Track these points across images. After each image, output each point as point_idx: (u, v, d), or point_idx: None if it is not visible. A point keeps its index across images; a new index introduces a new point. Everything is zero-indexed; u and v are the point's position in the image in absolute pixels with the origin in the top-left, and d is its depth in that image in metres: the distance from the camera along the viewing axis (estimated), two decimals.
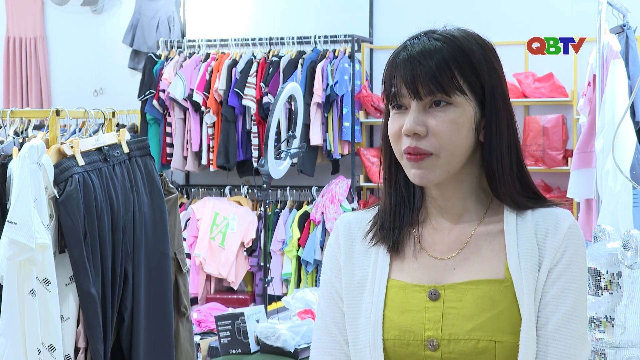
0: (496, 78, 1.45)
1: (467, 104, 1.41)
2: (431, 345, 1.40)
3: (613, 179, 3.87)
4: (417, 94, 1.40)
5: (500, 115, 1.44)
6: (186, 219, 6.58)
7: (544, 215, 1.45)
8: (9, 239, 2.64)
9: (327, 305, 1.51)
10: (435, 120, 1.40)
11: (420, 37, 1.44)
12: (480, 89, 1.43)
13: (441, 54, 1.40)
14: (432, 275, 1.45)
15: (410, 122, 1.40)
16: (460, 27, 1.47)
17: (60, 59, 7.72)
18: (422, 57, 1.40)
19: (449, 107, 1.40)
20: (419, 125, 1.40)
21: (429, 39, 1.43)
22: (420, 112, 1.41)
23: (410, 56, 1.41)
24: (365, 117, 6.50)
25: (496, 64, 1.46)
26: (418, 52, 1.41)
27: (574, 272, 1.42)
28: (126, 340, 2.98)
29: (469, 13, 6.28)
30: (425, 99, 1.40)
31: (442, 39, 1.42)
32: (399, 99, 1.43)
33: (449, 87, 1.40)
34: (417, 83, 1.40)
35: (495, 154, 1.44)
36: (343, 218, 1.56)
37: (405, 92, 1.41)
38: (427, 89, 1.40)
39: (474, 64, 1.42)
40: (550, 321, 1.40)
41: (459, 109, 1.41)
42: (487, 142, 1.44)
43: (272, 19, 7.02)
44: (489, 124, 1.44)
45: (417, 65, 1.40)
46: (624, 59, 4.17)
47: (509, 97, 1.48)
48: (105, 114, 3.19)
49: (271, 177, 4.79)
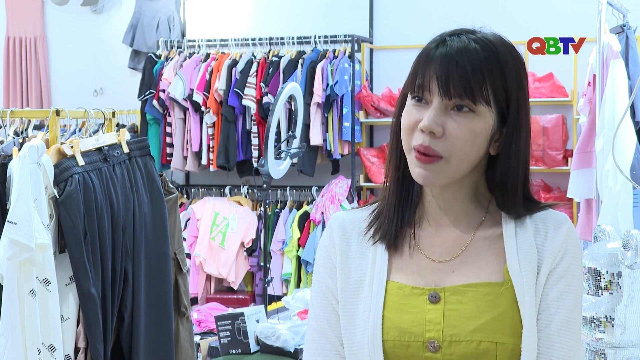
0: (522, 93, 1.43)
1: (488, 114, 1.39)
2: (432, 347, 1.39)
3: (613, 179, 3.87)
4: (447, 93, 1.37)
5: (521, 133, 1.42)
6: (186, 219, 6.57)
7: (542, 219, 1.45)
8: (9, 239, 2.64)
9: (320, 305, 1.49)
10: (455, 124, 1.38)
11: (461, 34, 1.41)
12: (505, 102, 1.40)
13: (478, 57, 1.38)
14: (431, 277, 1.44)
15: (430, 119, 1.38)
16: (497, 33, 1.44)
17: (60, 59, 7.72)
18: (460, 56, 1.38)
19: (470, 114, 1.38)
20: (437, 124, 1.38)
21: (468, 38, 1.40)
22: (442, 111, 1.38)
23: (448, 52, 1.38)
24: (365, 117, 6.50)
25: (525, 79, 1.43)
26: (456, 50, 1.38)
27: (573, 275, 1.42)
28: (126, 340, 2.98)
29: (469, 13, 6.28)
30: (452, 100, 1.38)
31: (480, 42, 1.39)
32: (424, 92, 1.40)
33: (478, 94, 1.37)
34: (449, 83, 1.37)
35: (511, 168, 1.43)
36: (337, 217, 1.54)
37: (434, 88, 1.38)
38: (458, 91, 1.37)
39: (505, 76, 1.40)
40: (551, 323, 1.40)
41: (480, 118, 1.39)
42: (505, 156, 1.42)
43: (272, 19, 7.02)
44: (508, 139, 1.42)
45: (453, 63, 1.37)
46: (624, 59, 4.17)
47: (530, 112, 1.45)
48: (105, 114, 3.19)
49: (271, 177, 4.79)
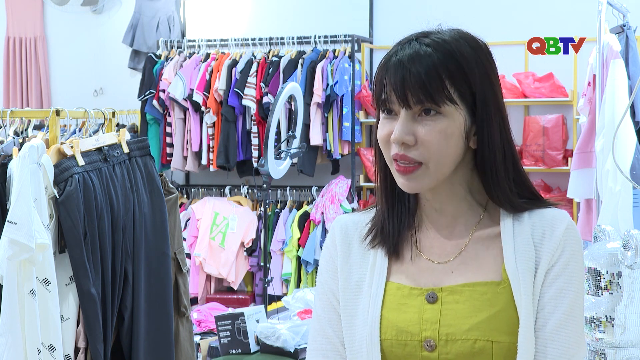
0: (488, 84, 1.41)
1: (457, 112, 1.38)
2: (428, 346, 1.40)
3: (613, 179, 3.87)
4: (406, 102, 1.37)
5: (492, 123, 1.41)
6: (186, 219, 6.57)
7: (540, 217, 1.44)
8: (9, 239, 2.64)
9: (323, 307, 1.50)
10: (425, 130, 1.37)
11: (412, 41, 1.40)
12: (471, 97, 1.39)
13: (431, 60, 1.36)
14: (430, 278, 1.45)
15: (399, 131, 1.37)
16: (455, 28, 1.43)
17: (60, 59, 7.72)
18: (412, 64, 1.37)
19: (438, 116, 1.37)
20: (407, 134, 1.37)
21: (419, 43, 1.39)
22: (409, 120, 1.38)
23: (399, 62, 1.38)
24: (365, 117, 6.50)
25: (489, 68, 1.42)
26: (408, 58, 1.38)
27: (572, 273, 1.41)
28: (126, 340, 2.98)
29: (469, 13, 6.28)
30: (414, 108, 1.37)
31: (433, 44, 1.38)
32: (389, 104, 1.40)
33: (439, 96, 1.36)
34: (406, 91, 1.36)
35: (488, 161, 1.42)
36: (339, 220, 1.55)
37: (394, 99, 1.38)
38: (416, 98, 1.36)
39: (465, 72, 1.38)
40: (548, 322, 1.39)
41: (449, 118, 1.38)
42: (480, 149, 1.42)
43: (272, 19, 7.02)
44: (480, 132, 1.41)
45: (406, 72, 1.36)
46: (624, 59, 4.17)
47: (503, 101, 1.44)
48: (105, 114, 3.19)
49: (271, 177, 4.79)
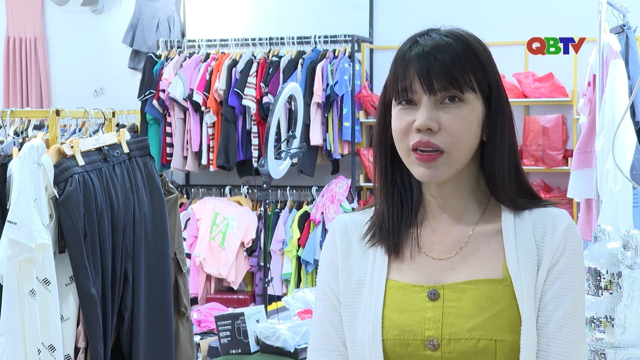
0: (499, 78, 1.46)
1: (476, 101, 1.42)
2: (431, 345, 1.40)
3: (613, 179, 3.87)
4: (431, 88, 1.39)
5: (505, 115, 1.45)
6: (186, 219, 6.57)
7: (541, 215, 1.45)
8: (9, 239, 2.64)
9: (323, 307, 1.50)
10: (448, 116, 1.39)
11: (430, 33, 1.43)
12: (487, 87, 1.43)
13: (454, 49, 1.40)
14: (430, 275, 1.45)
15: (424, 117, 1.39)
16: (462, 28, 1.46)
17: (60, 59, 7.72)
18: (437, 52, 1.39)
19: (461, 103, 1.40)
20: (432, 120, 1.39)
21: (438, 35, 1.42)
22: (432, 107, 1.40)
23: (424, 51, 1.40)
24: (365, 117, 6.50)
25: (495, 66, 1.46)
26: (431, 47, 1.40)
27: (573, 271, 1.42)
28: (126, 340, 2.98)
29: (469, 13, 6.28)
30: (438, 94, 1.39)
31: (451, 36, 1.42)
32: (410, 94, 1.41)
33: (464, 83, 1.39)
34: (432, 78, 1.39)
35: (497, 153, 1.44)
36: (339, 219, 1.55)
37: (418, 87, 1.40)
38: (442, 85, 1.39)
39: (482, 62, 1.42)
40: (551, 320, 1.40)
41: (470, 106, 1.41)
42: (490, 141, 1.44)
43: (272, 19, 7.02)
44: (493, 123, 1.44)
45: (431, 59, 1.39)
46: (624, 59, 4.17)
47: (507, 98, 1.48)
48: (105, 114, 3.19)
49: (271, 177, 4.79)
